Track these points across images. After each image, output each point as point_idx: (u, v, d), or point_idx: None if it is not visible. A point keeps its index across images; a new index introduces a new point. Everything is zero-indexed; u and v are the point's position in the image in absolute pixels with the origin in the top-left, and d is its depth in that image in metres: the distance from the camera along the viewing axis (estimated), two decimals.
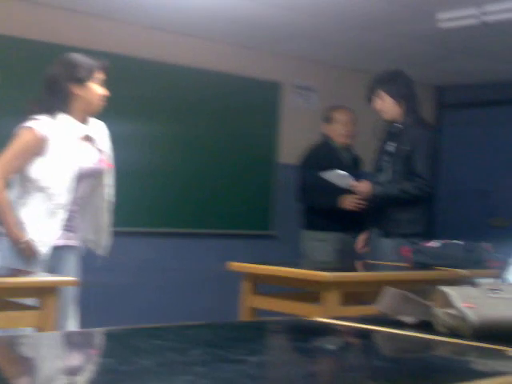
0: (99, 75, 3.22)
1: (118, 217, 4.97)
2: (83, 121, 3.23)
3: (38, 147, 3.11)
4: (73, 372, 1.30)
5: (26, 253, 3.07)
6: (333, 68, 6.14)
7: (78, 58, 3.22)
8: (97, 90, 3.20)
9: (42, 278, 2.78)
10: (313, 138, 4.98)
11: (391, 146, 4.17)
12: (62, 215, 3.13)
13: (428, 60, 5.86)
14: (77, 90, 3.17)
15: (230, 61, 5.58)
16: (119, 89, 5.02)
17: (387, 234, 4.14)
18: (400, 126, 4.14)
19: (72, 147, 3.16)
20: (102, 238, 3.34)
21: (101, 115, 3.31)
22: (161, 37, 5.25)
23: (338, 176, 4.28)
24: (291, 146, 5.02)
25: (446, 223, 6.24)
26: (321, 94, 6.05)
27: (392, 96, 4.12)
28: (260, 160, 5.80)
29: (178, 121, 5.37)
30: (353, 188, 4.28)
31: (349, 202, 4.48)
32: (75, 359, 1.42)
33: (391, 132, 4.21)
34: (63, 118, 3.16)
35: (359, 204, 4.43)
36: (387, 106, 4.14)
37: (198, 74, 5.42)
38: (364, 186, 4.20)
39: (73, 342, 1.62)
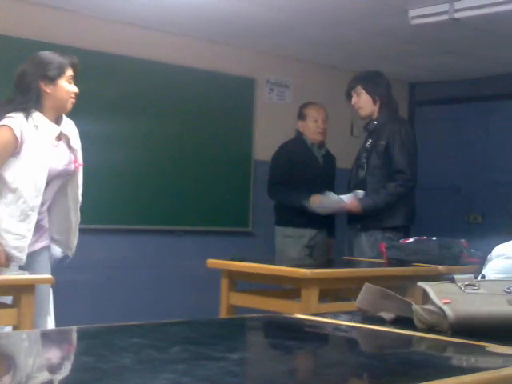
0: (71, 72, 3.19)
1: (96, 214, 4.98)
2: (55, 119, 3.20)
3: (15, 146, 3.08)
4: (51, 370, 1.29)
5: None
6: (306, 64, 6.16)
7: (49, 55, 3.19)
8: (67, 87, 3.17)
9: (18, 276, 2.76)
10: (287, 134, 4.99)
11: (368, 143, 4.28)
12: (34, 217, 3.10)
13: (401, 56, 5.90)
14: (47, 88, 3.14)
15: (204, 57, 5.57)
16: (95, 86, 5.02)
17: (365, 229, 4.17)
18: (375, 122, 4.25)
19: (46, 147, 3.13)
20: (70, 239, 3.30)
21: (78, 113, 3.29)
22: (136, 33, 5.23)
23: (332, 200, 4.28)
24: (266, 143, 5.03)
25: (420, 220, 6.28)
26: (294, 89, 6.06)
27: (368, 93, 4.26)
28: (237, 157, 5.80)
29: (153, 117, 5.35)
30: (343, 210, 4.28)
31: (315, 202, 4.49)
32: (53, 357, 1.41)
33: (368, 129, 4.33)
34: (37, 117, 3.13)
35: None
36: (363, 102, 4.28)
37: (173, 70, 5.41)
38: (354, 207, 4.21)
39: (50, 340, 1.60)
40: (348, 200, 4.24)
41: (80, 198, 3.31)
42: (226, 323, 1.92)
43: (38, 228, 3.18)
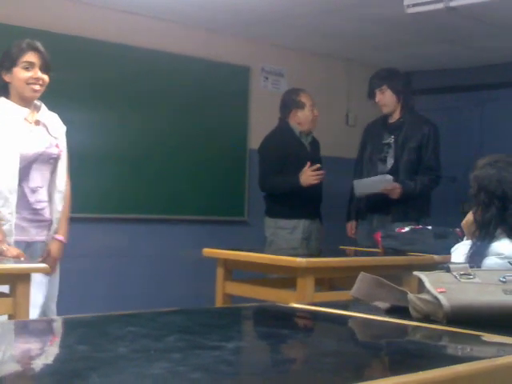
0: (28, 58, 3.15)
1: (90, 203, 4.98)
2: (27, 106, 3.20)
3: None
4: (45, 359, 1.29)
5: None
6: (301, 52, 6.14)
7: (12, 44, 3.19)
8: (19, 75, 3.15)
9: (13, 265, 2.75)
10: None
11: (391, 138, 4.49)
12: (14, 199, 3.07)
13: (396, 45, 5.89)
14: (6, 77, 3.18)
15: (199, 45, 5.55)
16: (91, 73, 5.00)
17: (398, 219, 4.31)
18: (401, 120, 4.49)
19: (14, 131, 3.11)
20: (53, 229, 3.26)
21: (72, 100, 3.28)
22: (131, 20, 5.20)
23: (384, 180, 4.34)
24: (261, 131, 5.01)
25: None
26: (289, 78, 6.05)
27: (393, 91, 4.50)
28: (232, 145, 5.79)
29: (148, 106, 5.34)
30: (386, 191, 4.34)
31: (308, 177, 4.47)
32: (48, 346, 1.41)
33: (392, 126, 4.52)
34: (2, 102, 3.15)
35: (319, 175, 4.45)
36: (388, 99, 4.51)
37: (168, 58, 5.39)
38: (396, 191, 4.35)
39: (45, 329, 1.60)
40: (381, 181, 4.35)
41: (61, 188, 3.26)
42: (222, 312, 1.92)
43: (38, 219, 3.17)
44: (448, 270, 1.72)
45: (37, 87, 3.17)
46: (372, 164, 4.53)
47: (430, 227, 3.83)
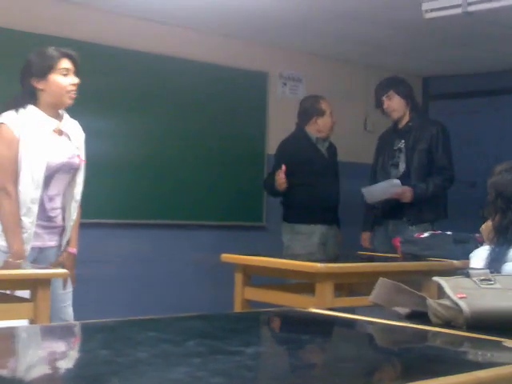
0: (63, 65, 3.14)
1: (112, 208, 5.01)
2: (55, 114, 3.18)
3: (16, 142, 3.08)
4: (67, 363, 1.30)
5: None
6: (319, 58, 6.14)
7: (39, 51, 3.16)
8: (59, 81, 3.12)
9: (34, 270, 2.78)
10: None
11: (401, 143, 4.51)
12: (35, 209, 3.08)
13: (414, 50, 5.87)
14: (40, 85, 3.12)
15: (216, 51, 5.56)
16: (106, 80, 5.03)
17: (414, 222, 4.33)
18: (410, 124, 4.52)
19: (42, 141, 3.11)
20: (66, 237, 3.26)
21: (89, 107, 3.27)
22: (149, 27, 5.22)
23: (391, 185, 4.36)
24: (279, 137, 5.01)
25: None
26: (307, 84, 6.05)
27: (401, 96, 4.54)
28: (250, 151, 5.79)
29: (167, 112, 5.35)
30: (396, 196, 4.36)
31: (278, 181, 4.53)
32: (69, 351, 1.42)
33: (402, 131, 4.54)
34: (32, 111, 3.12)
35: (282, 179, 4.50)
36: (396, 104, 4.54)
37: (186, 65, 5.40)
38: (408, 195, 4.35)
39: (67, 333, 1.62)
40: (391, 187, 4.35)
41: (78, 197, 3.25)
42: (241, 317, 1.93)
43: (52, 226, 3.19)
44: (467, 276, 1.72)
45: (75, 94, 3.17)
46: (385, 170, 4.54)
47: (449, 233, 3.81)
